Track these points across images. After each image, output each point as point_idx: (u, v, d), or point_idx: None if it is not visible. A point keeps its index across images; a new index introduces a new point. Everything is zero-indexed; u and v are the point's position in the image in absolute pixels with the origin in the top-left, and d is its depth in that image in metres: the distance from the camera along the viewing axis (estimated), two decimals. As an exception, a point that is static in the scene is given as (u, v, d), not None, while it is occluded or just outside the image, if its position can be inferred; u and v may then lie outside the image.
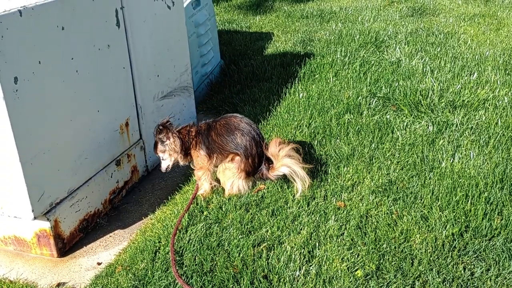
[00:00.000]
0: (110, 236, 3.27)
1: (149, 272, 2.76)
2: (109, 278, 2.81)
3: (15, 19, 2.50)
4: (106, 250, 3.14)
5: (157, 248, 2.96)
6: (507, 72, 4.97)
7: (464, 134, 3.85)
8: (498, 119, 4.01)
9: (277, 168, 3.25)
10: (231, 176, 3.28)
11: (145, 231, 3.21)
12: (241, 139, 3.26)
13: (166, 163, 3.43)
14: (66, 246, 3.11)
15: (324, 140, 3.91)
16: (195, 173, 3.43)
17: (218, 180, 3.40)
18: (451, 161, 3.51)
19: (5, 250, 3.13)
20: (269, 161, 3.30)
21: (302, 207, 3.14)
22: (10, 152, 2.63)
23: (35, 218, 2.83)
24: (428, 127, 3.99)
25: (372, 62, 5.37)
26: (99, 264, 3.02)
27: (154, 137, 3.39)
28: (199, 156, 3.35)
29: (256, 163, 3.28)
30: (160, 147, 3.37)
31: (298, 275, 2.63)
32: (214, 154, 3.32)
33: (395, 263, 2.67)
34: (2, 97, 2.49)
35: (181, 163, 3.43)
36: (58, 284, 2.85)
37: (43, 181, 2.83)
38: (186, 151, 3.37)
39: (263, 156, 3.30)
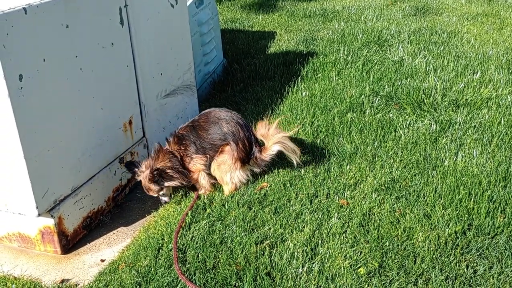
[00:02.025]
0: (114, 234, 3.28)
1: (152, 269, 2.77)
2: (113, 275, 2.82)
3: (20, 17, 2.52)
4: (110, 247, 3.15)
5: (160, 245, 2.97)
6: (510, 71, 4.97)
7: (467, 133, 3.85)
8: (501, 118, 4.01)
9: (270, 147, 3.27)
10: (228, 169, 3.28)
11: (148, 229, 3.22)
12: (226, 127, 3.27)
13: (167, 198, 3.42)
14: (70, 243, 3.13)
15: (327, 139, 3.92)
16: (192, 178, 3.38)
17: (215, 179, 3.41)
18: (454, 159, 3.52)
19: (10, 246, 3.15)
20: (260, 145, 3.33)
21: (304, 205, 3.15)
22: (14, 149, 2.64)
23: (39, 215, 2.84)
24: (431, 126, 3.99)
25: (375, 61, 5.37)
26: (102, 261, 3.03)
27: (147, 184, 3.26)
28: (192, 160, 3.33)
29: (247, 146, 3.27)
30: (156, 188, 3.28)
31: (301, 272, 2.64)
32: (207, 152, 3.32)
33: (397, 261, 2.67)
34: (7, 95, 2.51)
35: (186, 183, 3.35)
36: (62, 281, 2.87)
37: (47, 178, 2.85)
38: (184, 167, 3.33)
39: (252, 139, 3.30)
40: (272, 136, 3.26)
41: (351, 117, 4.19)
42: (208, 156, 3.33)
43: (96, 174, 3.26)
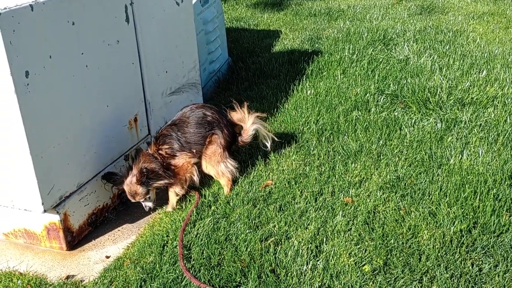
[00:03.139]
0: (119, 230, 3.29)
1: (157, 266, 2.78)
2: (118, 271, 2.83)
3: (27, 14, 2.53)
4: (115, 243, 3.17)
5: (165, 242, 2.98)
6: (517, 70, 4.95)
7: (473, 131, 3.84)
8: (507, 117, 4.00)
9: (248, 128, 3.41)
10: (220, 159, 3.31)
11: (153, 226, 3.23)
12: (210, 117, 3.31)
13: (151, 203, 3.26)
14: (75, 239, 3.14)
15: (332, 137, 3.91)
16: (180, 174, 3.31)
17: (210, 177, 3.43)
18: (460, 158, 3.50)
19: (15, 243, 3.17)
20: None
21: (309, 203, 3.15)
22: (21, 145, 2.65)
23: (45, 211, 2.86)
24: (436, 124, 3.98)
25: (380, 60, 5.36)
26: (107, 257, 3.04)
27: (133, 188, 3.11)
28: (178, 157, 3.27)
29: (230, 132, 3.39)
30: (143, 191, 3.14)
31: (306, 270, 2.64)
32: (192, 147, 3.29)
33: (402, 259, 2.67)
34: (14, 91, 2.52)
35: (172, 181, 3.26)
36: (67, 277, 2.88)
37: (53, 174, 2.86)
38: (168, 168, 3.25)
39: (230, 125, 3.43)
40: (249, 118, 3.42)
41: (356, 116, 4.18)
42: (194, 151, 3.30)
43: (101, 171, 3.27)
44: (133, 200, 3.21)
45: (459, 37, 6.17)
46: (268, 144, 3.52)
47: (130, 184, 3.13)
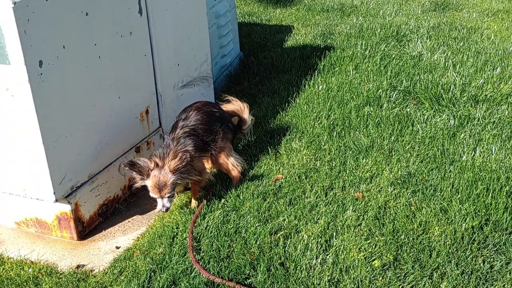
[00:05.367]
0: (129, 221, 3.31)
1: (167, 257, 2.79)
2: (127, 261, 2.85)
3: (41, 3, 2.54)
4: (125, 234, 3.18)
5: (175, 233, 2.99)
6: (532, 67, 4.88)
7: (486, 128, 3.79)
8: (521, 114, 3.95)
9: (247, 119, 3.53)
10: (229, 153, 3.35)
11: (163, 217, 3.24)
12: (218, 113, 3.39)
13: (171, 203, 3.01)
14: (86, 229, 3.16)
15: (343, 132, 3.89)
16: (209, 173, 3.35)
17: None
18: (472, 154, 3.47)
19: (27, 232, 3.19)
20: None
21: (319, 197, 3.13)
22: (33, 134, 2.67)
23: (56, 200, 2.88)
24: (449, 121, 3.94)
25: (393, 56, 5.32)
26: (117, 248, 3.06)
27: (166, 177, 2.89)
28: (203, 158, 3.25)
29: (233, 125, 3.51)
30: (173, 183, 2.90)
31: (315, 264, 2.63)
32: (210, 146, 3.27)
33: (413, 254, 2.65)
34: (27, 80, 2.54)
35: (196, 179, 3.15)
36: (78, 266, 2.90)
37: (64, 164, 2.88)
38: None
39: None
40: (245, 109, 3.54)
41: (368, 111, 4.16)
42: (214, 148, 3.26)
43: (112, 162, 3.29)
44: (156, 195, 2.93)
45: (473, 34, 6.10)
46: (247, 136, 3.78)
47: (160, 174, 2.88)
